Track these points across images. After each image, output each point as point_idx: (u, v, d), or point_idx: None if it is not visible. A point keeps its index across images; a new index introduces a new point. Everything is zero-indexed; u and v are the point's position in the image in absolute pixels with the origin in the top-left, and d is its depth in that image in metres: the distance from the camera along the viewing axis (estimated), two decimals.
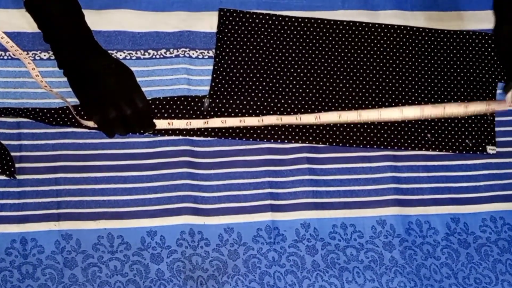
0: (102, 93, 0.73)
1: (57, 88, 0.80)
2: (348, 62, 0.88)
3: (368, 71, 0.88)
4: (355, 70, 0.87)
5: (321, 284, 0.77)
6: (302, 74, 0.86)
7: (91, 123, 0.77)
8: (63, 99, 0.78)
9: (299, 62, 0.87)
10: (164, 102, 0.82)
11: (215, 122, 0.81)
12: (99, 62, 0.74)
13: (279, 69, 0.86)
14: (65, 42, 0.74)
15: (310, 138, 0.83)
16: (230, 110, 0.83)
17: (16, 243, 0.74)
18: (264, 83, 0.85)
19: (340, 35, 0.89)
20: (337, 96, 0.86)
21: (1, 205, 0.75)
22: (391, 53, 0.89)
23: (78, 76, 0.74)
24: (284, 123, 0.81)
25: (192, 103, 0.82)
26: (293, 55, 0.87)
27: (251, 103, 0.83)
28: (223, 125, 0.81)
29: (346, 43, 0.89)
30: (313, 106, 0.85)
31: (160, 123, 0.79)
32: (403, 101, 0.87)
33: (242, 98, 0.84)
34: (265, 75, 0.85)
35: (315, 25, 0.89)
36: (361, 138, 0.84)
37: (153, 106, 0.81)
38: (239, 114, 0.82)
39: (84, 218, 0.76)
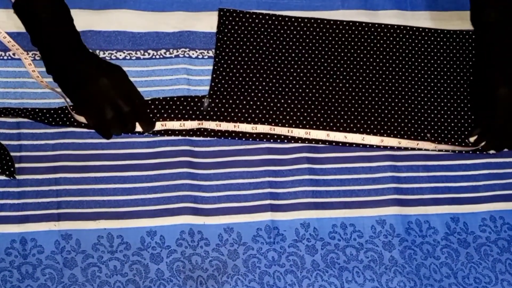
0: (97, 93, 0.72)
1: (57, 88, 0.80)
2: (348, 62, 0.88)
3: (368, 71, 0.88)
4: (354, 70, 0.87)
5: (321, 283, 0.77)
6: (302, 74, 0.86)
7: (158, 124, 0.79)
8: (60, 94, 0.78)
9: (299, 62, 0.87)
10: (164, 103, 0.82)
11: (210, 125, 0.81)
12: (90, 63, 0.74)
13: (278, 69, 0.86)
14: (54, 46, 0.73)
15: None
16: (230, 110, 0.83)
17: (16, 243, 0.74)
18: (264, 83, 0.85)
19: (340, 35, 0.89)
20: (336, 96, 0.86)
21: (1, 205, 0.75)
22: (391, 53, 0.89)
23: (70, 80, 0.74)
24: (277, 133, 0.82)
25: (192, 103, 0.82)
26: (293, 55, 0.87)
27: (251, 103, 0.84)
28: (217, 128, 0.81)
29: (346, 43, 0.89)
30: (312, 106, 0.85)
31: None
32: (403, 100, 0.87)
33: (242, 98, 0.84)
34: (265, 75, 0.85)
35: (315, 25, 0.89)
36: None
37: (152, 107, 0.81)
38: (239, 114, 0.83)
39: (84, 218, 0.76)
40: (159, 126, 0.80)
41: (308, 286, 0.76)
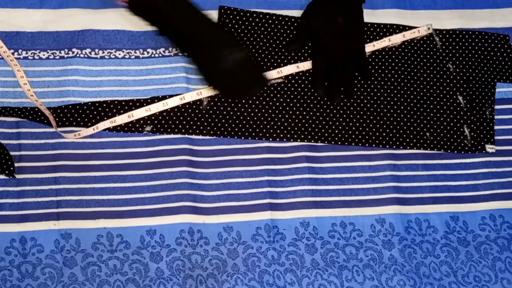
0: (227, 79, 0.80)
1: (56, 87, 0.80)
2: None
3: None
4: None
5: (321, 282, 0.77)
6: (301, 73, 0.86)
7: (71, 135, 0.78)
8: (45, 111, 0.78)
9: (298, 61, 0.87)
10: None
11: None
12: (221, 39, 0.79)
13: (278, 68, 0.86)
14: (182, 27, 0.78)
15: (309, 137, 0.83)
16: (229, 109, 0.83)
17: (16, 242, 0.74)
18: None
19: None
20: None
21: (0, 204, 0.75)
22: (390, 52, 0.89)
23: (204, 60, 0.80)
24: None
25: (191, 102, 0.82)
26: (292, 53, 0.87)
27: (250, 101, 0.84)
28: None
29: None
30: (311, 105, 0.85)
31: (138, 112, 0.80)
32: (402, 99, 0.87)
33: None
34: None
35: None
36: (360, 136, 0.84)
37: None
38: (238, 113, 0.83)
39: (83, 217, 0.76)
40: (138, 114, 0.81)
41: (308, 285, 0.76)
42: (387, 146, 0.84)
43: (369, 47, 0.88)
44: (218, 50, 0.78)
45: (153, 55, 0.84)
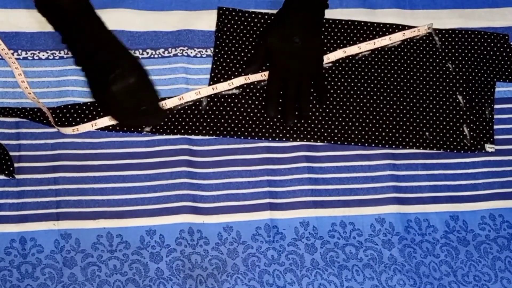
0: (110, 101, 0.75)
1: (55, 87, 0.80)
2: (347, 60, 0.88)
3: (366, 70, 0.88)
4: (353, 69, 0.87)
5: (321, 282, 0.77)
6: None
7: (69, 130, 0.78)
8: (42, 107, 0.78)
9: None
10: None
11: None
12: (116, 61, 0.75)
13: None
14: (82, 38, 0.75)
15: (309, 137, 0.83)
16: (228, 109, 0.83)
17: (15, 243, 0.74)
18: (262, 82, 0.85)
19: (338, 34, 0.89)
20: (335, 95, 0.86)
21: (0, 205, 0.75)
22: (389, 52, 0.89)
23: (95, 76, 0.76)
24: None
25: (190, 102, 0.82)
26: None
27: (249, 102, 0.84)
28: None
29: (345, 41, 0.89)
30: (311, 105, 0.85)
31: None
32: (401, 99, 0.87)
33: (240, 97, 0.84)
34: None
35: None
36: (360, 136, 0.84)
37: None
38: (237, 113, 0.83)
39: (83, 217, 0.76)
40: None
41: (308, 285, 0.76)
42: (387, 146, 0.84)
43: (370, 45, 0.88)
44: (109, 70, 0.73)
45: (152, 56, 0.84)
